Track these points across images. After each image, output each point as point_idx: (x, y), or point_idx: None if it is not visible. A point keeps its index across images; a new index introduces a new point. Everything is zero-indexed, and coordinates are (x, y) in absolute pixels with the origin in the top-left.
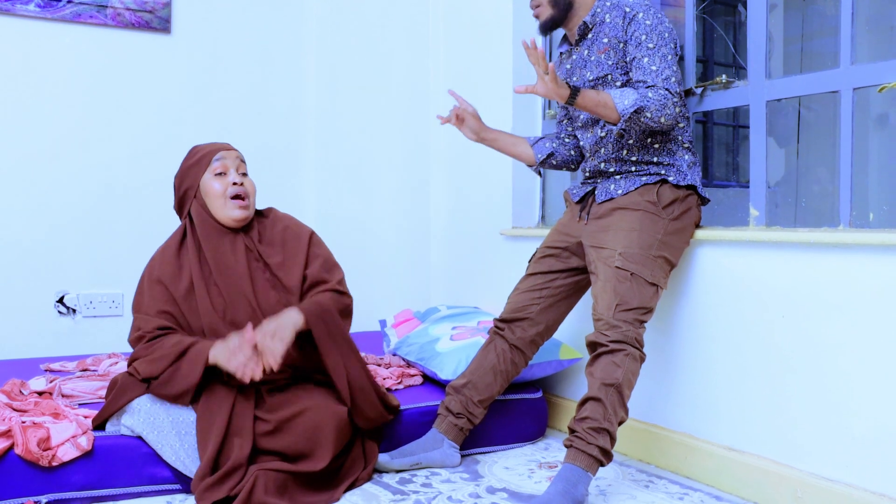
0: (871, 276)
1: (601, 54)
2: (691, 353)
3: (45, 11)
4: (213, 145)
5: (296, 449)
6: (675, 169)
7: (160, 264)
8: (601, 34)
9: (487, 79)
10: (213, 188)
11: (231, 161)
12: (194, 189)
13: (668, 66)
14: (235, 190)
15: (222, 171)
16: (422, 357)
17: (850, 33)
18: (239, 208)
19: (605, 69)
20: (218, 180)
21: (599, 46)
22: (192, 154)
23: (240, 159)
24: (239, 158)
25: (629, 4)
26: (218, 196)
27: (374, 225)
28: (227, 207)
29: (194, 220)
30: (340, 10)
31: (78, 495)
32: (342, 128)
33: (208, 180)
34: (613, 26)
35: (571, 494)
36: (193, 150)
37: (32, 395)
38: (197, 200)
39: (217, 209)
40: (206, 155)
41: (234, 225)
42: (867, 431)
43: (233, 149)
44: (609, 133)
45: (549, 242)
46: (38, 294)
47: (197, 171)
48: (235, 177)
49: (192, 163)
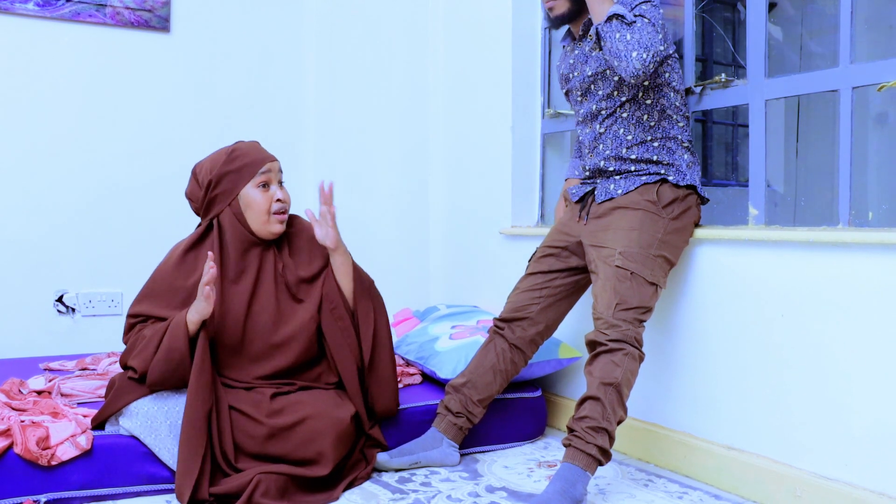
0: (871, 275)
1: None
2: (691, 352)
3: (44, 10)
4: (257, 152)
5: (296, 456)
6: (675, 168)
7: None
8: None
9: (487, 78)
10: (257, 202)
11: (275, 174)
12: (231, 197)
13: (657, 33)
14: (280, 206)
15: (266, 183)
16: (421, 356)
17: (849, 32)
18: (279, 223)
19: (604, 64)
20: (261, 193)
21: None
22: (232, 157)
23: (281, 171)
24: (280, 171)
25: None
26: (262, 211)
27: (373, 224)
28: (269, 223)
29: (224, 227)
30: (340, 8)
31: (77, 494)
32: (341, 127)
33: (251, 192)
34: None
35: (570, 494)
36: (234, 152)
37: (31, 394)
38: (231, 209)
39: (256, 222)
40: (251, 165)
41: (271, 238)
42: (866, 430)
43: (276, 159)
44: (608, 129)
45: (549, 242)
46: (37, 293)
47: (237, 179)
48: (279, 192)
49: (233, 169)
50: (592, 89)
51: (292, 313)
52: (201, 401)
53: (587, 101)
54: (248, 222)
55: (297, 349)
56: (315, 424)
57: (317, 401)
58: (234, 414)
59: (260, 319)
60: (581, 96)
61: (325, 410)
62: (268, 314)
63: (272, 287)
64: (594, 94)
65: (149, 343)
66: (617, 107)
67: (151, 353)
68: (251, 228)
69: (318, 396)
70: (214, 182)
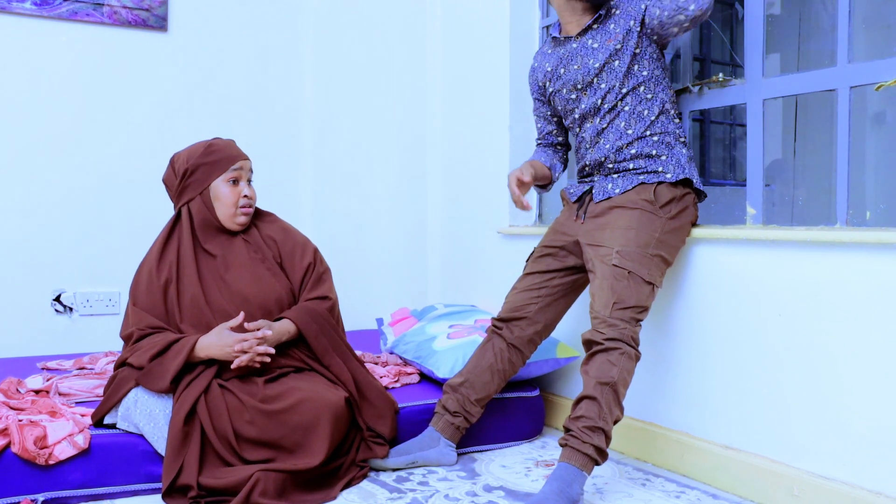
0: (868, 275)
1: (610, 42)
2: (688, 352)
3: (42, 9)
4: (230, 149)
5: (291, 440)
6: (674, 162)
7: (155, 257)
8: (611, 24)
9: (484, 77)
10: (225, 195)
11: (245, 172)
12: (202, 187)
13: None
14: (246, 202)
15: (236, 180)
16: (419, 355)
17: (847, 32)
18: (244, 215)
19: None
20: (230, 188)
21: (609, 36)
22: (209, 150)
23: (251, 170)
24: (251, 170)
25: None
26: (230, 204)
27: (371, 223)
28: (236, 215)
29: (193, 215)
30: (338, 7)
31: (75, 493)
32: (339, 126)
33: (220, 185)
34: (627, 19)
35: (566, 493)
36: (211, 146)
37: (29, 393)
38: (202, 198)
39: (223, 214)
40: (225, 161)
41: (237, 228)
42: (864, 429)
43: (248, 158)
44: (610, 123)
45: (547, 241)
46: (34, 292)
47: (210, 171)
48: (247, 189)
49: (208, 161)
50: (595, 83)
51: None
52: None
53: (587, 95)
54: (216, 213)
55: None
56: (310, 406)
57: (309, 384)
58: (229, 401)
59: (235, 287)
60: (581, 91)
61: (318, 393)
62: (243, 281)
63: (245, 259)
64: (596, 88)
65: (150, 349)
66: (618, 100)
67: (146, 360)
68: (219, 219)
69: (310, 380)
70: (189, 171)
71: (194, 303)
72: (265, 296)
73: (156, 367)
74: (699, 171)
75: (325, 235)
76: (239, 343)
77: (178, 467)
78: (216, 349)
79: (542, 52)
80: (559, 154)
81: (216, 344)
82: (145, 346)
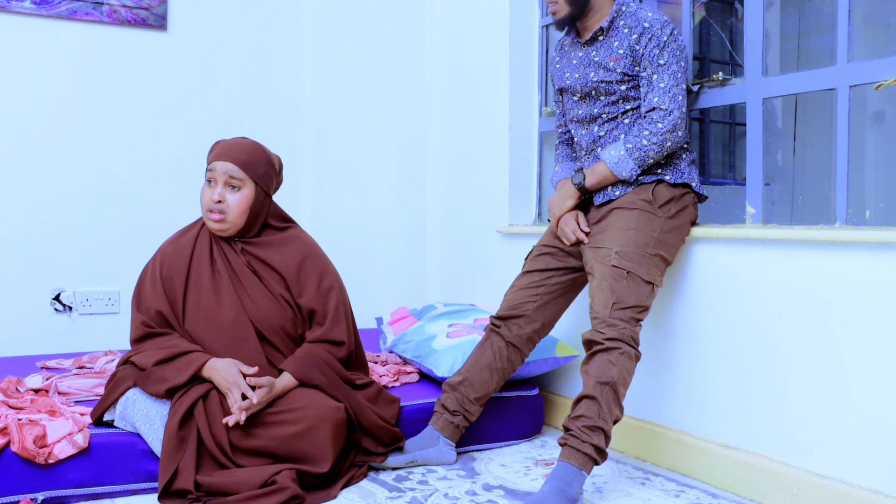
0: (868, 274)
1: (612, 61)
2: (687, 351)
3: (41, 8)
4: (220, 148)
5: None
6: (673, 167)
7: (170, 255)
8: (614, 40)
9: (484, 76)
10: (202, 195)
11: (219, 175)
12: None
13: (678, 84)
14: (214, 206)
15: (212, 181)
16: (418, 354)
17: (846, 31)
18: (214, 222)
19: (612, 76)
20: (205, 189)
21: (611, 53)
22: (212, 146)
23: (228, 174)
24: (227, 173)
25: (648, 20)
26: (203, 205)
27: (370, 222)
28: (208, 218)
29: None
30: (337, 7)
31: (74, 492)
32: (338, 125)
33: (204, 185)
34: (629, 37)
35: (566, 493)
36: (215, 143)
37: (28, 392)
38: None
39: (203, 214)
40: (209, 158)
41: (216, 233)
42: (863, 429)
43: (227, 162)
44: (608, 133)
45: (546, 241)
46: (34, 291)
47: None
48: (218, 191)
49: (207, 158)
50: (594, 94)
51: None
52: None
53: (587, 103)
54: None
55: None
56: (311, 413)
57: (308, 394)
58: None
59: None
60: (581, 98)
61: (318, 401)
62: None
63: (252, 280)
64: (595, 99)
65: (158, 352)
66: (620, 113)
67: (152, 363)
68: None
69: (309, 391)
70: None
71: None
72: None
73: (157, 372)
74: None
75: (324, 234)
76: (230, 388)
77: (172, 471)
78: (217, 377)
79: (561, 45)
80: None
81: (220, 373)
82: (152, 349)
